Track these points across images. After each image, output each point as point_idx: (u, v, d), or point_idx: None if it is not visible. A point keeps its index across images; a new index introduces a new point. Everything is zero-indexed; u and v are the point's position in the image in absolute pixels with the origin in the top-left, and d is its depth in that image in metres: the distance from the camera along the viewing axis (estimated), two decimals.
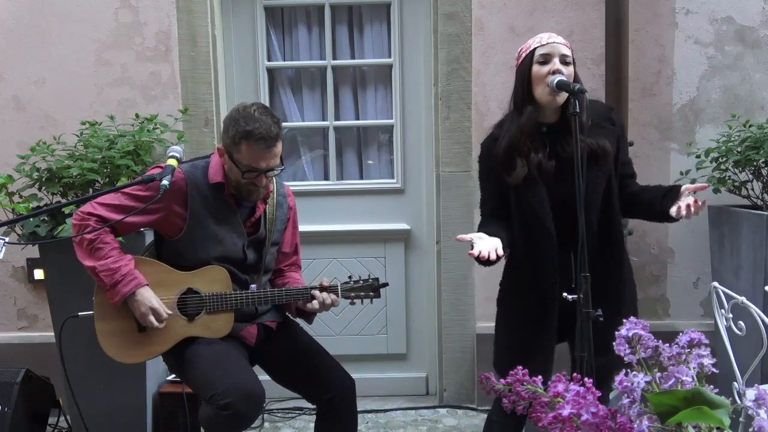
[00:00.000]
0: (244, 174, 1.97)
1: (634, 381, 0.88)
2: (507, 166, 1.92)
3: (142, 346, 2.04)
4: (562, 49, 1.88)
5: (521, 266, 1.99)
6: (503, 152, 1.92)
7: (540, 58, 1.88)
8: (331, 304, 2.08)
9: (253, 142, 1.92)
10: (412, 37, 3.28)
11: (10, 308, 3.23)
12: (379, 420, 3.15)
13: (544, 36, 1.91)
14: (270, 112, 1.98)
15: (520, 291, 2.00)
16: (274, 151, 1.96)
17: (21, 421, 2.55)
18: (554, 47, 1.88)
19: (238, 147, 1.94)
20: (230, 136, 1.95)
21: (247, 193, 2.04)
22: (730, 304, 1.73)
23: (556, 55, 1.87)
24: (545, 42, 1.89)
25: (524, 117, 1.90)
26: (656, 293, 3.24)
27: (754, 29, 3.12)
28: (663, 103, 3.15)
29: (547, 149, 1.91)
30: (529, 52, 1.91)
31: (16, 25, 3.12)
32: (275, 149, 1.96)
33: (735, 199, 2.91)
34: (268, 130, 1.92)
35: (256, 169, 1.96)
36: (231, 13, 3.28)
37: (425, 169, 3.33)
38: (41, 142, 2.77)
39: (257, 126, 1.91)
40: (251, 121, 1.92)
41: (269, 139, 1.93)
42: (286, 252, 2.29)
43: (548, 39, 1.89)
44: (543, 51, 1.88)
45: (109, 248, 1.96)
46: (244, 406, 1.85)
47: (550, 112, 1.93)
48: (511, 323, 2.03)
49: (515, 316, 2.01)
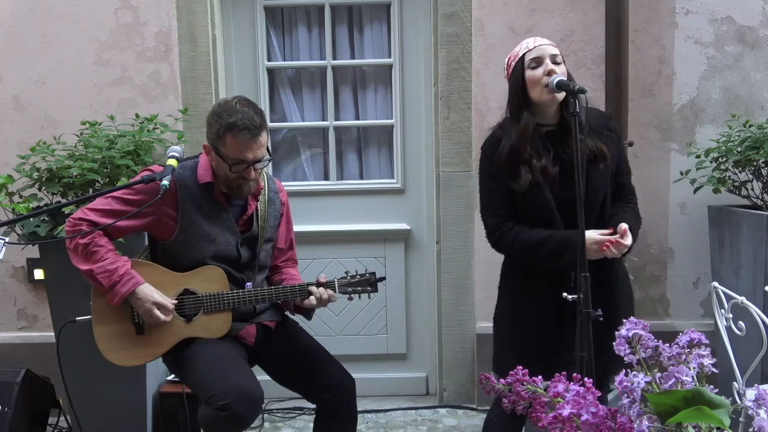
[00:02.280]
0: (232, 167, 1.96)
1: (634, 381, 0.88)
2: (511, 174, 1.91)
3: (141, 348, 2.04)
4: (551, 50, 1.90)
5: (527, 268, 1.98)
6: (505, 159, 1.91)
7: (531, 62, 1.90)
8: (328, 299, 2.07)
9: (237, 133, 1.92)
10: (412, 37, 3.28)
11: (10, 308, 3.23)
12: (379, 420, 3.15)
13: (530, 41, 1.93)
14: (251, 104, 1.98)
15: (528, 292, 1.98)
16: (259, 141, 1.95)
17: (21, 421, 2.55)
18: (543, 49, 1.90)
19: (223, 140, 1.94)
20: (214, 131, 1.96)
21: (237, 188, 2.03)
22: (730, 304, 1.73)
23: (546, 57, 1.89)
24: (532, 46, 1.91)
25: (522, 122, 1.90)
26: (656, 293, 3.24)
27: (754, 29, 3.12)
28: (663, 103, 3.15)
29: (551, 154, 1.92)
30: (518, 59, 1.93)
31: (16, 25, 3.12)
32: (260, 138, 1.96)
33: (735, 199, 2.91)
34: (251, 120, 1.93)
35: (244, 160, 1.95)
36: (231, 13, 3.28)
37: (425, 169, 3.33)
38: (41, 142, 2.77)
39: (240, 117, 1.91)
40: (233, 113, 1.92)
41: (253, 129, 1.93)
42: (282, 248, 2.28)
43: (534, 43, 1.92)
44: (533, 55, 1.90)
45: (104, 251, 1.95)
46: (242, 407, 1.85)
47: (549, 114, 1.94)
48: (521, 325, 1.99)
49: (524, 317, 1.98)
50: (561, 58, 1.91)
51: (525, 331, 1.98)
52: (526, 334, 1.97)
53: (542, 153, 1.91)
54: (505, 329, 2.05)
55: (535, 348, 1.95)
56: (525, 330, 1.98)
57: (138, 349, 2.04)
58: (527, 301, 1.98)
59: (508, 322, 2.04)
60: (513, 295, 2.04)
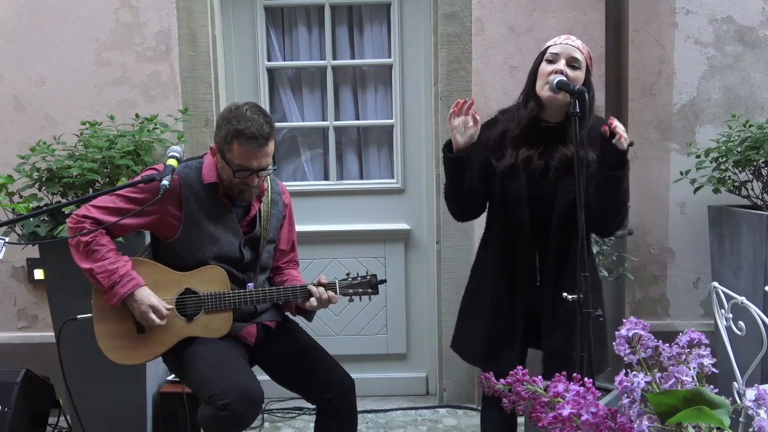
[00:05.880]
0: (236, 173, 1.96)
1: (634, 381, 0.88)
2: (497, 151, 1.98)
3: (141, 347, 2.04)
4: (573, 52, 1.90)
5: (492, 254, 2.05)
6: (497, 137, 1.99)
7: (550, 56, 1.92)
8: (328, 300, 2.07)
9: (244, 141, 1.92)
10: (412, 37, 3.28)
11: (10, 308, 3.23)
12: (379, 420, 3.15)
13: (562, 37, 1.95)
14: (262, 111, 1.98)
15: (488, 278, 2.05)
16: (265, 150, 1.95)
17: (21, 421, 2.55)
18: (565, 48, 1.90)
19: (230, 146, 1.94)
20: (222, 135, 1.96)
21: (239, 192, 2.03)
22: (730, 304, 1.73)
23: (564, 57, 1.89)
24: (559, 42, 1.93)
25: (525, 110, 1.95)
26: (656, 293, 3.23)
27: (754, 29, 3.12)
28: (663, 103, 3.15)
29: (540, 148, 1.93)
30: (544, 49, 1.95)
31: (16, 25, 3.12)
32: (267, 148, 1.96)
33: (735, 199, 2.91)
34: (259, 129, 1.92)
35: (248, 168, 1.95)
36: (231, 13, 3.28)
37: (425, 169, 3.33)
38: (41, 142, 2.77)
39: (249, 125, 1.91)
40: (243, 120, 1.92)
41: (261, 138, 1.92)
42: (284, 249, 2.29)
43: (563, 40, 1.93)
44: (554, 50, 1.92)
45: (105, 250, 1.95)
46: (242, 407, 1.85)
47: (553, 112, 1.95)
48: (477, 309, 2.09)
49: (481, 302, 2.07)
50: (583, 65, 1.91)
51: (473, 307, 2.10)
52: (475, 312, 2.08)
53: (533, 144, 1.94)
54: (461, 306, 2.19)
55: (481, 327, 2.04)
56: (474, 307, 2.10)
57: (139, 347, 2.04)
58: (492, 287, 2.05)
59: (464, 299, 2.18)
60: (474, 273, 2.15)
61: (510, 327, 2.00)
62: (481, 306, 2.06)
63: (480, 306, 2.06)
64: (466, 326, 2.13)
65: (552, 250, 1.94)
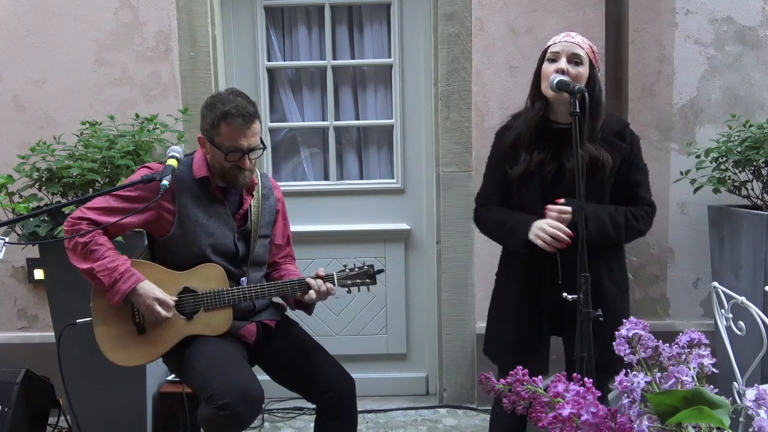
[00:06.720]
0: (227, 156, 1.98)
1: (634, 381, 0.88)
2: (511, 159, 1.97)
3: (142, 348, 2.04)
4: (574, 49, 1.88)
5: (512, 259, 2.04)
6: (510, 144, 1.98)
7: (551, 55, 1.91)
8: (327, 292, 2.09)
9: (231, 120, 1.95)
10: (412, 37, 3.28)
11: (10, 308, 3.23)
12: (379, 420, 3.15)
13: (561, 34, 1.94)
14: (243, 94, 2.03)
15: (512, 282, 2.04)
16: (253, 129, 1.99)
17: (21, 421, 2.55)
18: (565, 45, 1.89)
19: (218, 129, 1.97)
20: (208, 121, 1.99)
21: (233, 177, 2.04)
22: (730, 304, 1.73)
23: (565, 54, 1.88)
24: (559, 40, 1.91)
25: (533, 112, 1.94)
26: (656, 293, 3.24)
27: (754, 29, 3.12)
28: (663, 103, 3.15)
29: (551, 150, 1.92)
30: (545, 49, 1.95)
31: (16, 25, 3.12)
32: (254, 126, 1.99)
33: (735, 199, 2.91)
34: (244, 108, 1.97)
35: (239, 148, 1.98)
36: (231, 13, 3.28)
37: (425, 169, 3.33)
38: (41, 142, 2.77)
39: (233, 105, 1.96)
40: (227, 102, 1.97)
41: (247, 116, 1.97)
42: (279, 244, 2.30)
43: (562, 38, 1.92)
44: (555, 49, 1.91)
45: (104, 249, 1.96)
46: (242, 407, 1.85)
47: (562, 112, 1.93)
48: (502, 314, 2.07)
49: (505, 307, 2.06)
50: (586, 60, 1.89)
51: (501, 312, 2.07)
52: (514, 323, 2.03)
53: (545, 147, 1.93)
54: (489, 311, 2.16)
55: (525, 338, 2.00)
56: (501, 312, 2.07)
57: (140, 348, 2.03)
58: (507, 283, 2.05)
59: (491, 304, 2.14)
60: (499, 278, 2.13)
61: (536, 331, 1.99)
62: (507, 311, 2.05)
63: (506, 311, 2.05)
64: (496, 332, 2.11)
65: (571, 249, 1.91)
